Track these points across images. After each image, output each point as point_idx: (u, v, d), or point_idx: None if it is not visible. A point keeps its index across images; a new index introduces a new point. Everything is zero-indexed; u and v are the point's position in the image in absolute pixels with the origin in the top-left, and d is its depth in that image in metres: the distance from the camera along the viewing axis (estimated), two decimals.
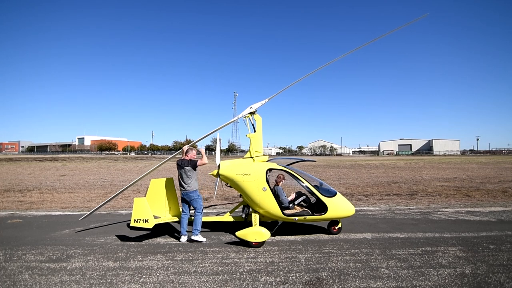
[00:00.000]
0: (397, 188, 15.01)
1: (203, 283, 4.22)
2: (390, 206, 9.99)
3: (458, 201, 11.10)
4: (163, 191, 6.93)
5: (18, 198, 11.97)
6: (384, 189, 14.44)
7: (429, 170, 27.20)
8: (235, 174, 6.41)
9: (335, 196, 6.45)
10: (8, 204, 10.76)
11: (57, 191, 14.15)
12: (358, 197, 11.99)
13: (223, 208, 9.77)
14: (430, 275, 4.43)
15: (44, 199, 11.83)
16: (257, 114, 6.92)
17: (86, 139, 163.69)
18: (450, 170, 26.89)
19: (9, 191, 13.95)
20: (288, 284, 4.19)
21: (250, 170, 6.37)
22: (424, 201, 11.02)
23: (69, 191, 14.14)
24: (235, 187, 6.58)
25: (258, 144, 6.79)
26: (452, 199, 11.44)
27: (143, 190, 13.73)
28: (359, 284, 4.16)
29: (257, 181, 6.25)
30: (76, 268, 4.78)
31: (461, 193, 12.86)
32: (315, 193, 6.32)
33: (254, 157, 6.69)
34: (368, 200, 11.41)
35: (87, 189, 14.88)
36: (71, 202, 11.13)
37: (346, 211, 6.37)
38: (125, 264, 4.93)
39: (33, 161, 46.12)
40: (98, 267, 4.82)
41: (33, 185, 16.28)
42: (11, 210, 9.71)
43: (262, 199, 6.21)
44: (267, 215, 6.35)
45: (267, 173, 6.36)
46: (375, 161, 49.06)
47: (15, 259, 5.19)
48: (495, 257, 5.14)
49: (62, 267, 4.83)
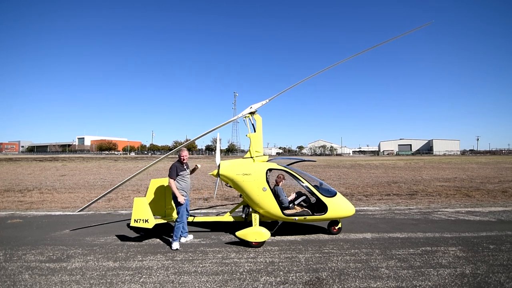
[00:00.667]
0: (397, 188, 15.01)
1: (203, 283, 4.22)
2: (390, 206, 9.99)
3: (458, 201, 11.10)
4: (163, 191, 6.93)
5: (18, 198, 11.97)
6: (384, 189, 14.44)
7: (429, 170, 27.20)
8: (235, 174, 6.41)
9: (335, 196, 6.45)
10: (8, 204, 10.76)
11: (57, 191, 14.15)
12: (358, 197, 11.99)
13: (223, 208, 9.76)
14: (430, 275, 4.43)
15: (44, 199, 11.83)
16: (257, 114, 6.93)
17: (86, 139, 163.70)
18: (450, 170, 26.90)
19: (9, 191, 13.95)
20: (288, 284, 4.19)
21: (250, 170, 6.37)
22: (424, 201, 11.02)
23: (69, 191, 14.14)
24: (235, 187, 6.58)
25: (258, 144, 6.79)
26: (452, 199, 11.44)
27: (143, 190, 13.73)
28: (359, 284, 4.16)
29: (257, 181, 6.25)
30: (76, 268, 4.78)
31: (461, 193, 12.86)
32: (315, 193, 6.32)
33: (254, 157, 6.70)
34: (368, 200, 11.40)
35: (87, 189, 14.88)
36: (71, 202, 11.13)
37: (346, 211, 6.37)
38: (125, 264, 4.93)
39: (33, 161, 46.14)
40: (98, 267, 4.82)
41: (33, 185, 16.28)
42: (11, 210, 9.71)
43: (262, 199, 6.21)
44: (267, 215, 6.35)
45: (267, 173, 6.36)
46: (375, 161, 49.08)
47: (15, 259, 5.19)
48: (495, 257, 5.14)
49: (62, 267, 4.83)
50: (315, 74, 6.74)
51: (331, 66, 6.64)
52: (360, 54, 6.44)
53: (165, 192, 6.95)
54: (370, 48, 6.34)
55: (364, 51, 6.42)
